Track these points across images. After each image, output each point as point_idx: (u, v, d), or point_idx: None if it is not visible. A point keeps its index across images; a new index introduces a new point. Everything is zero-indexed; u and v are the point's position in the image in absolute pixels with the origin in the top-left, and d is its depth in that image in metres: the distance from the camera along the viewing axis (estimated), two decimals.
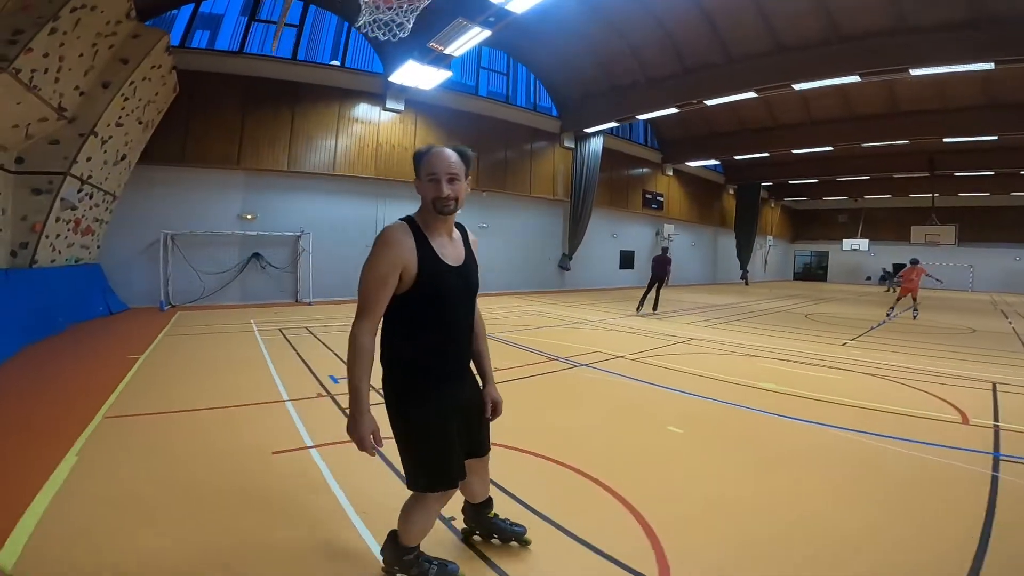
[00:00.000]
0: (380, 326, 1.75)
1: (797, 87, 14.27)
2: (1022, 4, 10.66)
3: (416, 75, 13.19)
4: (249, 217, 12.53)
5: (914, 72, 12.45)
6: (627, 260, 22.95)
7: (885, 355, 7.57)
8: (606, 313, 12.46)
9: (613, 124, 18.53)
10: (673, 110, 17.04)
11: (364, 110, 14.32)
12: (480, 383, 2.06)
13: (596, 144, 19.13)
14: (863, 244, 30.91)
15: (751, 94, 15.08)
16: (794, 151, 22.05)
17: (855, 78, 13.26)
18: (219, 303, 11.82)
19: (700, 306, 14.74)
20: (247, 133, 12.32)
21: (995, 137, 17.94)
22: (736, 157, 25.04)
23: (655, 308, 12.60)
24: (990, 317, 14.51)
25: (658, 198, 23.85)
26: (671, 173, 25.05)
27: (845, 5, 12.85)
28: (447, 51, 12.40)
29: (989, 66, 11.55)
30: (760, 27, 14.26)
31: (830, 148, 21.26)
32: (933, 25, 11.95)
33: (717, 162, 27.73)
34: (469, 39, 11.84)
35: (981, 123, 16.95)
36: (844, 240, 32.54)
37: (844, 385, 5.63)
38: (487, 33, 11.70)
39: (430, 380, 1.76)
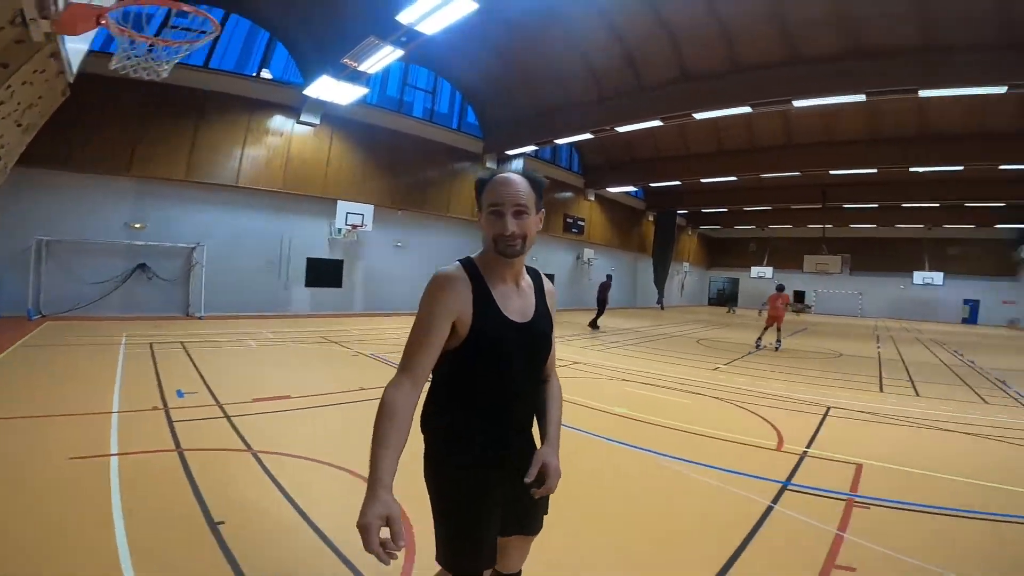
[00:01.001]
0: (426, 388, 1.45)
1: (698, 116, 15.16)
2: (891, 38, 12.00)
3: (332, 90, 13.07)
4: (138, 226, 11.84)
5: (796, 104, 13.51)
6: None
7: (746, 379, 8.17)
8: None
9: (533, 147, 19.05)
10: (589, 136, 17.82)
11: (278, 122, 14.01)
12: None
13: (517, 166, 19.43)
14: (768, 272, 33.23)
15: (657, 122, 15.89)
16: (703, 180, 23.46)
17: (747, 108, 14.26)
18: (98, 314, 11.04)
19: (605, 330, 15.31)
20: (142, 140, 11.71)
21: (875, 170, 19.81)
22: (653, 184, 26.39)
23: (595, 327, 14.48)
24: (863, 341, 15.97)
25: (579, 222, 24.67)
26: (593, 198, 26.03)
27: (745, 35, 13.76)
28: (361, 68, 12.44)
29: (860, 98, 12.74)
30: (670, 55, 15.10)
31: (735, 178, 22.76)
32: (815, 57, 13.06)
33: (637, 189, 29.04)
34: (382, 57, 11.93)
35: (864, 156, 18.63)
36: (752, 268, 34.89)
37: (688, 410, 6.02)
38: (399, 52, 11.90)
39: (474, 451, 1.45)
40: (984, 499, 3.57)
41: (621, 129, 16.74)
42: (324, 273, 15.13)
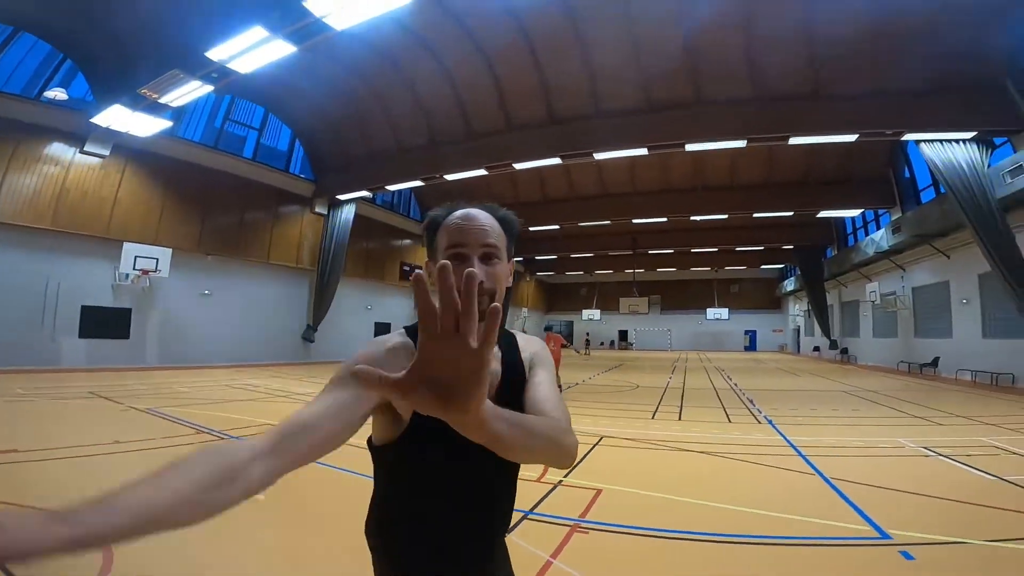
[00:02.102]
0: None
1: (518, 166, 16.18)
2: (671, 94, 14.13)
3: (126, 120, 11.83)
4: None
5: (597, 156, 15.01)
6: (383, 332, 22.71)
7: None
8: None
9: (365, 193, 18.86)
10: (419, 183, 18.17)
11: (55, 150, 12.16)
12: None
13: (348, 212, 19.18)
14: (596, 314, 36.45)
15: (482, 171, 16.52)
16: (531, 228, 25.10)
17: (557, 160, 15.55)
18: None
19: None
20: None
21: (665, 219, 22.99)
22: None
23: None
24: (662, 373, 18.00)
25: (416, 270, 24.68)
26: None
27: (560, 89, 15.18)
28: (163, 100, 11.49)
29: (643, 151, 14.68)
30: (495, 106, 16.09)
31: (558, 226, 24.68)
32: (615, 111, 14.75)
33: None
34: (189, 91, 11.24)
35: (659, 206, 21.44)
36: (583, 311, 37.98)
37: None
38: (208, 88, 11.32)
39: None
40: (710, 520, 3.66)
41: (450, 177, 17.25)
42: (105, 323, 12.98)
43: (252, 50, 9.84)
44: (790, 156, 18.70)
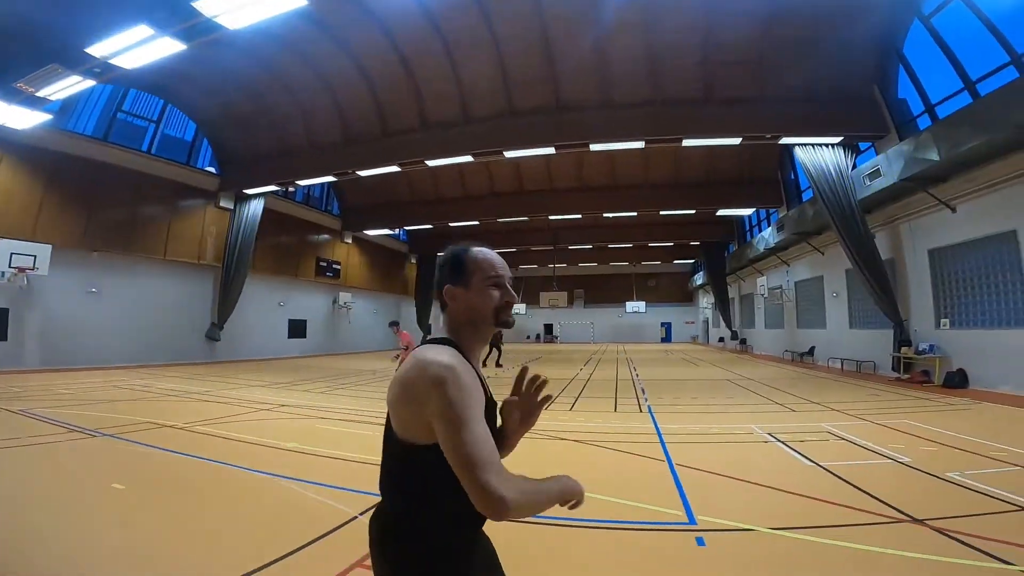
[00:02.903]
0: (395, 484, 1.18)
1: (431, 163, 16.40)
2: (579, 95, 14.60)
3: (2, 113, 11.17)
4: None
5: (507, 155, 15.38)
6: (298, 329, 22.25)
7: None
8: (240, 385, 11.62)
9: (273, 188, 18.22)
10: (332, 178, 17.79)
11: None
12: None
13: (257, 206, 18.46)
14: (523, 309, 37.01)
15: (395, 168, 16.62)
16: (451, 224, 25.26)
17: (469, 158, 15.80)
18: None
19: (341, 373, 15.15)
20: None
21: (580, 216, 23.80)
22: (409, 228, 27.43)
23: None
24: (574, 366, 18.63)
25: (334, 266, 24.17)
26: (350, 241, 25.83)
27: (474, 88, 15.39)
28: (40, 94, 10.90)
29: (550, 150, 15.16)
30: (412, 103, 16.12)
31: (477, 222, 25.03)
32: (529, 109, 15.18)
33: (397, 231, 29.70)
34: (69, 86, 10.75)
35: (575, 203, 22.23)
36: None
37: (350, 439, 6.29)
38: (91, 82, 10.95)
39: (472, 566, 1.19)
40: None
41: (363, 173, 17.17)
42: None
43: (138, 47, 9.48)
44: (694, 157, 19.96)
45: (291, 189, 20.36)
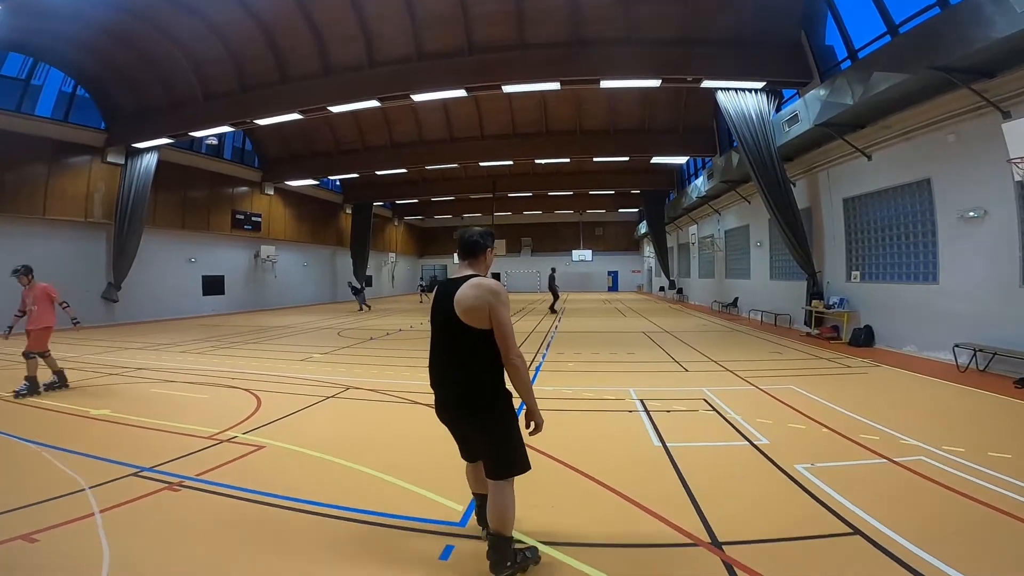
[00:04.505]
0: (458, 356, 2.39)
1: (334, 109, 15.18)
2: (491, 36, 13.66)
3: None
4: None
5: (415, 98, 14.29)
6: (214, 286, 20.93)
7: (318, 366, 8.46)
8: (116, 348, 10.60)
9: (167, 140, 16.55)
10: (228, 128, 16.30)
11: None
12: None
13: (150, 160, 16.86)
14: None
15: (297, 115, 15.32)
16: (378, 172, 23.94)
17: (375, 103, 14.60)
18: None
19: (256, 330, 14.35)
20: None
21: (511, 163, 22.88)
22: (334, 177, 25.86)
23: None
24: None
25: (253, 218, 22.67)
26: (272, 192, 24.22)
27: (381, 31, 14.18)
28: None
29: (461, 92, 14.02)
30: (312, 48, 14.72)
31: (405, 170, 23.86)
32: (435, 52, 14.04)
33: (320, 180, 27.42)
34: None
35: (505, 150, 21.26)
36: (454, 255, 37.66)
37: (184, 403, 5.86)
38: None
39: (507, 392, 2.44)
40: (326, 486, 3.54)
41: (261, 122, 15.84)
42: None
43: None
44: (630, 104, 19.18)
45: (205, 142, 18.70)
